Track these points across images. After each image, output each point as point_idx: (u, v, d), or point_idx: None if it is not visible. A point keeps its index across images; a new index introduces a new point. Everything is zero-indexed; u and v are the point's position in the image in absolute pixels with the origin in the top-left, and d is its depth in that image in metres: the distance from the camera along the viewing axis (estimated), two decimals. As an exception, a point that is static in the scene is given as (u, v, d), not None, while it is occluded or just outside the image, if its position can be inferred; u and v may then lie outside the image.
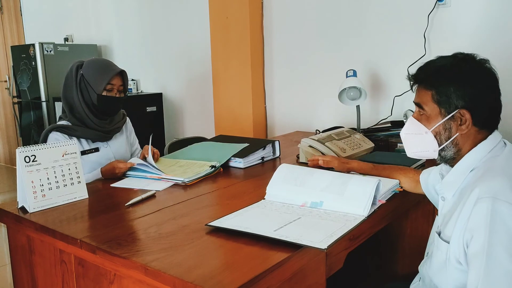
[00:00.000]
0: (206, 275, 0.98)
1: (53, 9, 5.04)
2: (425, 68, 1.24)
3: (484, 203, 1.05)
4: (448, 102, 1.17)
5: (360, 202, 1.32)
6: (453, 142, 1.20)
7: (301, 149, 2.02)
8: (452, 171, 1.22)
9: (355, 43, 2.80)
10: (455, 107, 1.17)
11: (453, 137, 1.19)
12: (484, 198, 1.06)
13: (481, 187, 1.08)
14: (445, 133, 1.20)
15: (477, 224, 1.06)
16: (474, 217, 1.07)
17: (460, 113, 1.17)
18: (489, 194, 1.06)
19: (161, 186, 1.67)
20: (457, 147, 1.20)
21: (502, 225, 1.02)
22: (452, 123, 1.18)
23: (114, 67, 1.98)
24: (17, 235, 1.45)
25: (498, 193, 1.05)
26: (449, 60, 1.21)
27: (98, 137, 1.98)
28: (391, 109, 2.64)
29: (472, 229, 1.07)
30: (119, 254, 1.09)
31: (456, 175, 1.21)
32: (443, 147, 1.21)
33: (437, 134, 1.21)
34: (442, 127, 1.20)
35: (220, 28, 3.28)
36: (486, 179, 1.10)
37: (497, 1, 2.29)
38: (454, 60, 1.21)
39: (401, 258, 2.12)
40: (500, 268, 1.02)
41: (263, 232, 1.16)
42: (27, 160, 1.43)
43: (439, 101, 1.18)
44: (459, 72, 1.18)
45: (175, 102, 4.03)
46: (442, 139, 1.21)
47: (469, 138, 1.19)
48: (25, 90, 4.43)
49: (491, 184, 1.08)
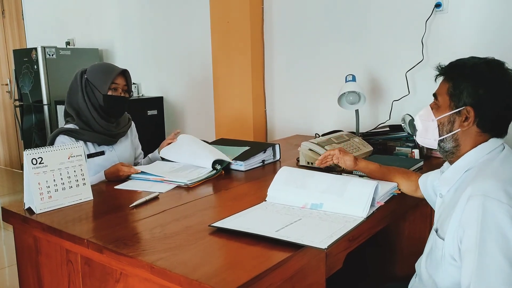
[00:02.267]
0: (210, 273, 1.01)
1: (54, 13, 5.07)
2: (454, 63, 1.30)
3: (475, 201, 1.11)
4: (459, 97, 1.24)
5: (359, 204, 1.36)
6: (453, 136, 1.26)
7: (301, 153, 2.06)
8: (451, 168, 1.29)
9: (354, 48, 2.84)
10: (464, 103, 1.23)
11: (454, 132, 1.26)
12: (475, 195, 1.11)
13: (473, 186, 1.14)
14: (448, 125, 1.27)
15: (469, 220, 1.11)
16: (466, 214, 1.12)
17: (466, 110, 1.23)
18: (480, 192, 1.11)
19: (164, 188, 1.70)
20: (456, 142, 1.26)
21: (493, 222, 1.07)
22: (456, 117, 1.25)
23: (116, 67, 2.04)
24: (24, 235, 1.48)
25: (488, 191, 1.10)
26: (476, 61, 1.27)
27: (104, 140, 2.02)
28: (389, 113, 2.68)
29: (464, 226, 1.12)
30: (126, 253, 1.12)
31: (453, 173, 1.27)
32: (442, 138, 1.28)
33: (441, 124, 1.28)
34: (447, 119, 1.27)
35: (221, 33, 3.33)
36: (479, 179, 1.16)
37: (494, 8, 2.33)
38: (481, 62, 1.26)
39: (399, 260, 2.15)
40: (492, 263, 1.06)
41: (265, 232, 1.20)
42: (34, 162, 1.47)
43: (452, 94, 1.25)
44: (479, 73, 1.23)
45: (176, 106, 4.06)
46: (444, 131, 1.28)
47: (469, 137, 1.25)
48: (27, 94, 4.46)
49: (483, 183, 1.13)
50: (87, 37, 4.73)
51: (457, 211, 1.15)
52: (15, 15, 5.60)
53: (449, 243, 1.18)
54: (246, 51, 3.20)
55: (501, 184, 1.11)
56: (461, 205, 1.15)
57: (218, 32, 3.34)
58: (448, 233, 1.18)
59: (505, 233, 1.06)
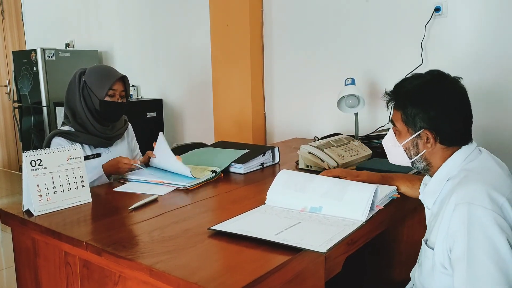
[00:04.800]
0: (209, 277, 1.01)
1: (54, 15, 5.08)
2: (396, 89, 1.32)
3: (461, 209, 1.12)
4: (413, 123, 1.27)
5: (359, 207, 1.36)
6: (422, 157, 1.30)
7: (301, 156, 2.06)
8: (432, 180, 1.30)
9: (353, 52, 2.85)
10: (420, 127, 1.26)
11: (421, 153, 1.29)
12: (460, 204, 1.12)
13: (458, 194, 1.15)
14: (413, 149, 1.30)
15: (457, 229, 1.12)
16: (453, 223, 1.13)
17: (424, 133, 1.25)
18: (464, 200, 1.12)
19: (163, 191, 1.70)
20: (426, 161, 1.30)
21: (479, 229, 1.09)
22: (418, 141, 1.28)
23: (115, 73, 2.02)
24: (22, 237, 1.48)
25: (473, 198, 1.11)
26: (419, 81, 1.28)
27: (100, 143, 2.01)
28: (388, 116, 2.67)
29: (453, 235, 1.13)
30: (124, 256, 1.12)
31: (435, 184, 1.28)
32: (413, 160, 1.32)
33: (407, 149, 1.32)
34: (411, 143, 1.30)
35: (221, 36, 3.33)
36: (462, 186, 1.17)
37: (493, 12, 2.34)
38: (423, 81, 1.28)
39: (397, 264, 2.15)
40: (481, 269, 1.07)
41: (264, 236, 1.19)
42: (33, 164, 1.47)
43: (406, 121, 1.29)
44: (424, 95, 1.26)
45: (175, 108, 4.06)
46: (411, 154, 1.31)
47: (437, 154, 1.28)
48: (26, 95, 4.46)
49: (466, 190, 1.15)
50: (86, 39, 4.74)
51: (445, 220, 1.17)
52: (14, 16, 5.60)
53: (438, 252, 1.19)
54: (246, 54, 3.21)
55: (484, 188, 1.13)
56: (447, 214, 1.16)
57: (218, 35, 3.35)
58: (437, 242, 1.19)
59: (492, 239, 1.07)
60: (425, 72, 1.31)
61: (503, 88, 2.33)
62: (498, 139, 2.36)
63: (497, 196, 1.11)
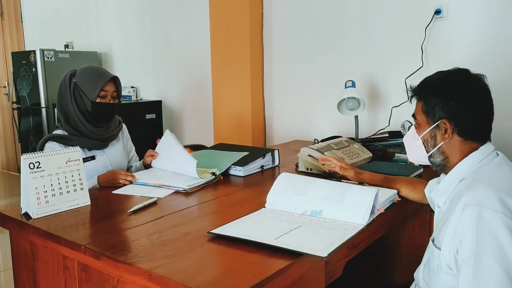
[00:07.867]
0: (209, 281, 1.00)
1: (53, 16, 5.07)
2: (422, 82, 1.35)
3: (470, 210, 1.11)
4: (433, 113, 1.28)
5: (359, 211, 1.35)
6: (439, 149, 1.30)
7: (301, 158, 2.05)
8: (445, 178, 1.31)
9: (354, 54, 2.84)
10: (439, 117, 1.27)
11: (439, 145, 1.29)
12: (470, 205, 1.12)
13: (468, 195, 1.14)
14: (431, 141, 1.31)
15: (465, 230, 1.11)
16: (462, 224, 1.13)
17: (443, 123, 1.27)
18: (475, 201, 1.11)
19: (163, 194, 1.69)
20: (444, 155, 1.30)
21: (488, 231, 1.07)
22: (437, 132, 1.29)
23: (106, 73, 1.99)
24: (20, 240, 1.47)
25: (483, 201, 1.11)
26: (442, 75, 1.31)
27: (94, 145, 1.98)
28: (388, 119, 2.68)
29: (460, 236, 1.13)
30: (123, 260, 1.11)
31: (448, 183, 1.28)
32: (431, 154, 1.32)
33: (425, 141, 1.32)
34: (429, 135, 1.31)
35: (220, 37, 3.32)
36: (473, 188, 1.16)
37: (493, 14, 2.34)
38: (446, 74, 1.31)
39: (398, 267, 2.14)
40: (488, 273, 1.06)
41: (264, 240, 1.18)
42: (31, 167, 1.45)
43: (426, 111, 1.30)
44: (446, 86, 1.28)
45: (174, 110, 4.05)
46: (429, 146, 1.32)
47: (455, 147, 1.28)
48: (25, 96, 4.45)
49: (477, 192, 1.14)
50: (85, 40, 4.73)
51: (453, 220, 1.16)
52: (14, 17, 5.59)
53: (445, 253, 1.18)
54: (245, 56, 3.20)
55: (495, 192, 1.12)
56: (456, 215, 1.15)
57: (218, 37, 3.34)
58: (444, 243, 1.18)
59: (500, 242, 1.06)
60: (451, 68, 1.33)
61: (503, 90, 2.33)
62: (498, 140, 2.35)
63: (508, 200, 1.10)
